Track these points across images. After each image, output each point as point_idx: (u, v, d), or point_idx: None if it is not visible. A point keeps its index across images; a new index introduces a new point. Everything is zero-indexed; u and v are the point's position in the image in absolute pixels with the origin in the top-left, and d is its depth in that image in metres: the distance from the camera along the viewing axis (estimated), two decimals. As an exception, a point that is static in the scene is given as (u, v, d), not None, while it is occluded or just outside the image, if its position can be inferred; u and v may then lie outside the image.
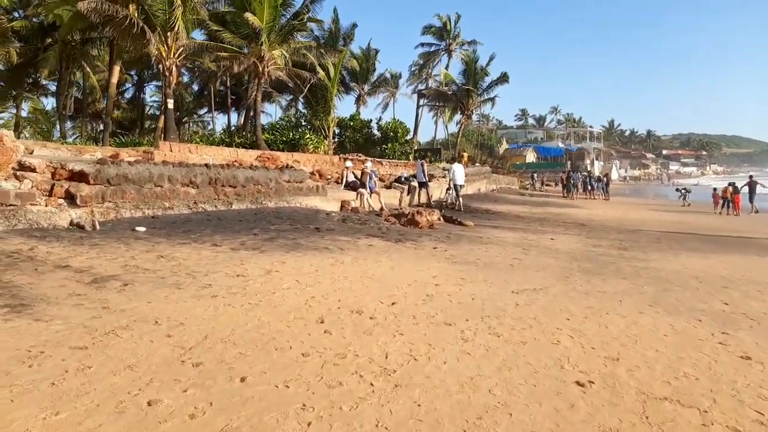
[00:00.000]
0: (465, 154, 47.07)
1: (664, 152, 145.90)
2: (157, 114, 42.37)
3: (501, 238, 11.54)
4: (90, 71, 38.20)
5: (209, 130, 51.91)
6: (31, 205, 8.29)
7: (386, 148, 39.70)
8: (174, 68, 26.65)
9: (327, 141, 34.97)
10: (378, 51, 51.19)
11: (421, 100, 54.57)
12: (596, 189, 38.15)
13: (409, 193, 19.83)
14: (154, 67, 38.40)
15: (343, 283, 6.11)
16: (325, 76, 34.33)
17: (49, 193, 8.80)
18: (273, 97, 47.92)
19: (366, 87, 50.78)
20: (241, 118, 45.57)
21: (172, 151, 20.71)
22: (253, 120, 34.63)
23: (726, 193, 26.68)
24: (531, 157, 73.10)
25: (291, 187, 14.02)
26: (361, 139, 41.20)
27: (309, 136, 33.69)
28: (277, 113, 65.47)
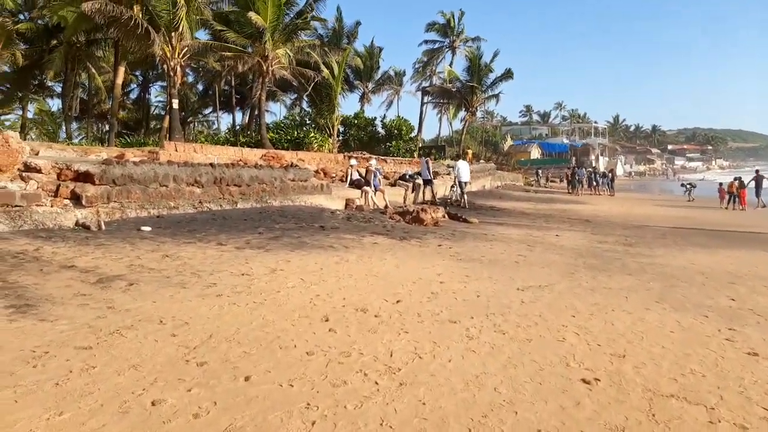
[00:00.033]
0: (469, 151, 46.90)
1: (670, 147, 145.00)
2: (162, 114, 42.40)
3: (506, 235, 11.50)
4: (95, 72, 38.29)
5: (214, 129, 51.97)
6: (37, 205, 8.31)
7: (390, 145, 39.67)
8: (178, 68, 26.64)
9: (331, 139, 34.92)
10: (382, 49, 51.21)
11: (425, 98, 54.36)
12: (601, 185, 38.00)
13: (413, 191, 19.81)
14: (158, 68, 38.45)
15: (347, 282, 6.11)
16: (329, 75, 34.25)
17: (55, 194, 8.83)
18: (277, 96, 47.93)
19: (370, 85, 50.72)
20: (245, 118, 45.65)
21: (177, 150, 20.71)
22: (257, 119, 34.57)
23: (732, 187, 26.52)
24: (536, 153, 72.84)
25: (296, 186, 14.02)
26: (366, 137, 41.17)
27: (313, 134, 33.69)
28: (281, 112, 65.63)
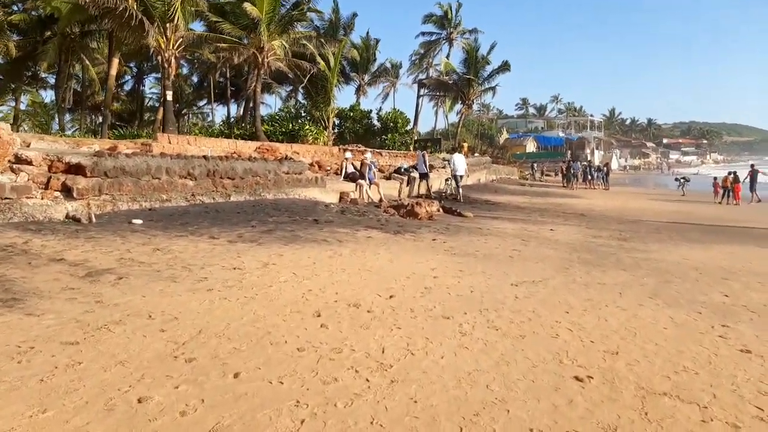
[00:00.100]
0: (465, 144, 46.84)
1: (665, 141, 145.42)
2: (157, 106, 42.24)
3: (500, 229, 11.47)
4: (89, 64, 37.98)
5: (209, 121, 51.72)
6: (27, 198, 8.23)
7: (386, 138, 39.54)
8: (173, 60, 26.46)
9: (327, 132, 34.83)
10: (378, 41, 50.87)
11: (421, 90, 54.23)
12: (596, 179, 38.07)
13: (408, 184, 19.75)
14: (153, 59, 38.18)
15: (340, 276, 6.06)
16: (325, 67, 34.12)
17: (46, 186, 8.74)
18: (272, 88, 47.66)
19: (366, 77, 50.44)
20: (240, 110, 45.41)
21: (170, 143, 20.60)
22: (252, 111, 34.44)
23: (726, 182, 26.58)
24: (531, 146, 72.84)
25: (290, 179, 13.95)
26: (361, 130, 41.02)
27: (308, 127, 33.54)
28: (276, 104, 65.38)
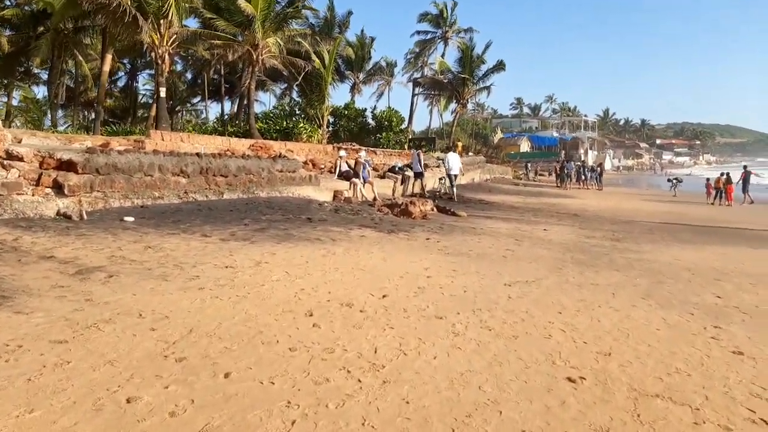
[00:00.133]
0: (459, 144, 46.86)
1: (658, 142, 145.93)
2: (150, 103, 41.89)
3: (494, 229, 11.47)
4: (82, 60, 37.68)
5: (202, 118, 51.57)
6: (18, 194, 8.15)
7: (381, 137, 39.43)
8: (167, 56, 26.25)
9: (321, 130, 34.68)
10: (374, 39, 50.78)
11: (416, 89, 54.06)
12: (590, 179, 38.13)
13: (402, 183, 19.74)
14: (147, 56, 37.89)
15: (333, 275, 6.03)
16: (320, 65, 33.95)
17: (37, 183, 8.66)
18: (267, 86, 47.50)
19: (361, 75, 50.33)
20: (234, 107, 45.23)
21: (163, 140, 20.46)
22: (246, 108, 34.22)
23: (719, 183, 26.69)
24: (525, 146, 72.92)
25: (283, 177, 13.89)
26: (356, 128, 40.88)
27: (303, 125, 33.40)
28: (271, 102, 65.19)
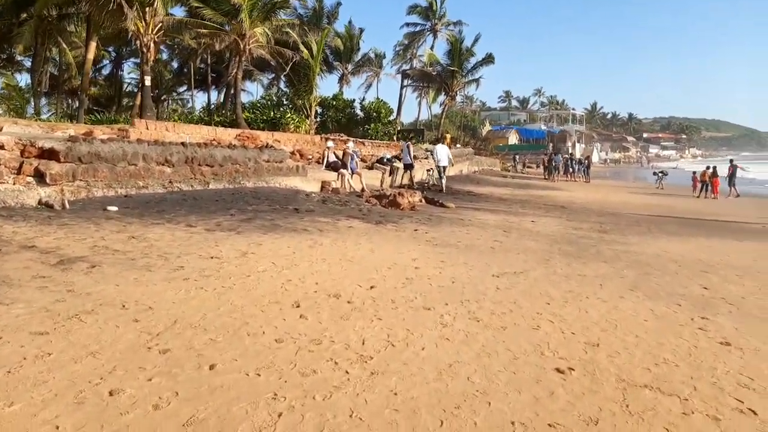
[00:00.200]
0: (448, 136, 46.84)
1: (645, 135, 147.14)
2: (135, 91, 41.37)
3: (482, 221, 11.47)
4: (66, 47, 37.02)
5: (189, 108, 50.88)
6: (-2, 183, 8.00)
7: (369, 128, 39.28)
8: (152, 44, 25.83)
9: (309, 120, 34.44)
10: (363, 30, 50.45)
11: (405, 81, 53.86)
12: (577, 171, 38.38)
13: (391, 174, 19.66)
14: (132, 44, 37.34)
15: (321, 266, 5.98)
16: (308, 55, 33.68)
17: (18, 171, 8.51)
18: (254, 76, 47.05)
19: (349, 66, 49.99)
20: (221, 97, 44.72)
21: (148, 129, 20.17)
22: (233, 98, 33.92)
23: (705, 176, 26.95)
24: (513, 139, 73.16)
25: (270, 167, 13.77)
26: (344, 119, 40.69)
27: (290, 115, 33.14)
28: (258, 92, 64.42)
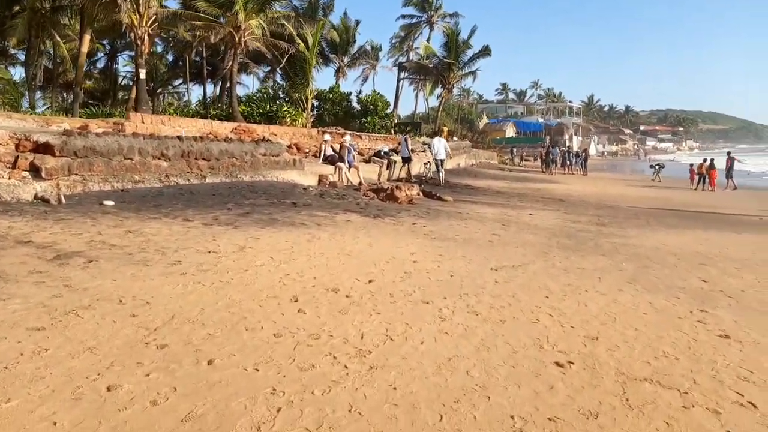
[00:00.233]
0: (445, 129, 46.69)
1: (642, 128, 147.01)
2: (130, 85, 41.13)
3: (480, 214, 11.46)
4: (60, 40, 36.76)
5: (184, 101, 50.66)
6: (-7, 177, 7.94)
7: (366, 121, 39.17)
8: (146, 37, 25.70)
9: (305, 114, 34.34)
10: (359, 22, 50.17)
11: (401, 73, 53.72)
12: (574, 164, 38.33)
13: (388, 168, 19.61)
14: (126, 36, 37.09)
15: (319, 260, 5.96)
16: (304, 47, 33.54)
17: (13, 166, 8.45)
18: (250, 69, 46.85)
19: (346, 59, 49.80)
20: (216, 90, 44.64)
21: (143, 122, 20.11)
22: (229, 91, 33.74)
23: (702, 168, 26.95)
24: (511, 131, 73.05)
25: (267, 161, 13.72)
26: (341, 112, 40.56)
27: (287, 108, 33.03)
28: (254, 85, 64.23)
